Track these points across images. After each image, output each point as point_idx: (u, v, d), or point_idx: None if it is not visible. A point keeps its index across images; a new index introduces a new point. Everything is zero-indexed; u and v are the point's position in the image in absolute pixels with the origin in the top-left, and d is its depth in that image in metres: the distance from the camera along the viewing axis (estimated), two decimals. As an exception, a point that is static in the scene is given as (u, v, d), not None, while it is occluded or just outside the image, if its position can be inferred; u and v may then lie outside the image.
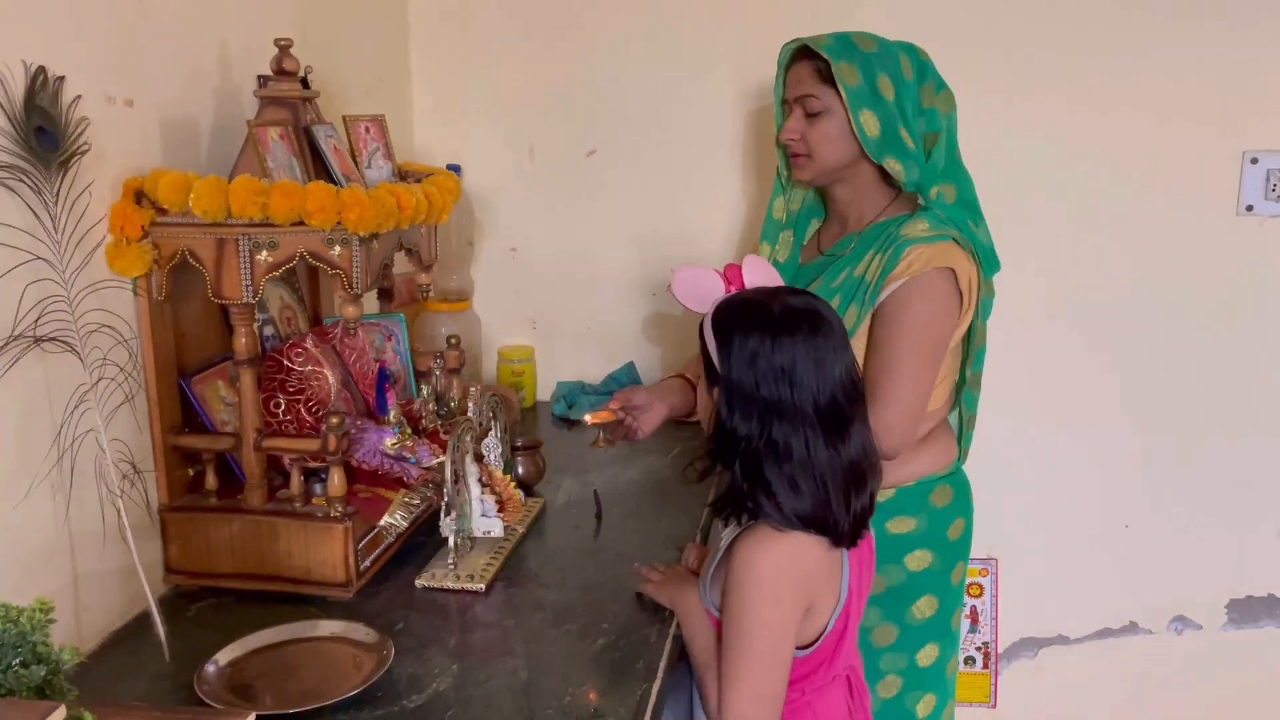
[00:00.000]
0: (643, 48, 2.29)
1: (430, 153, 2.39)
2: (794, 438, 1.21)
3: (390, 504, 1.58)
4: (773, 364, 1.22)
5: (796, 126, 1.63)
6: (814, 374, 1.22)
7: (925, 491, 1.66)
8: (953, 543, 1.69)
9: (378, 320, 1.88)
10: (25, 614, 0.93)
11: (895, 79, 1.58)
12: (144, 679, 1.27)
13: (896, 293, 1.55)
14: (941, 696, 1.75)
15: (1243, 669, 2.37)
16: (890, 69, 1.58)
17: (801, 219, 1.79)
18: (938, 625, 1.70)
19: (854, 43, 1.59)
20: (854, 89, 1.56)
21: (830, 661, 1.32)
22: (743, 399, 1.23)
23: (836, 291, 1.62)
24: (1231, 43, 2.09)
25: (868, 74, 1.57)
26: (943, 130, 1.61)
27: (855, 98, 1.56)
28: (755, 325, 1.24)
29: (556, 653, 1.34)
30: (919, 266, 1.53)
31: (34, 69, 1.21)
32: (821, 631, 1.29)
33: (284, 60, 1.51)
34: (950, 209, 1.62)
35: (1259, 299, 2.20)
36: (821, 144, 1.62)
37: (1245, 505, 2.29)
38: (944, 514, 1.67)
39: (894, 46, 1.62)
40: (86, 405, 1.29)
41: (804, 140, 1.63)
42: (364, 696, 1.21)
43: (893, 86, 1.58)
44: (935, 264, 1.54)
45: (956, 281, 1.55)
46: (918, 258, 1.54)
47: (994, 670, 2.43)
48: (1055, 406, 2.30)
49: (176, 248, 1.39)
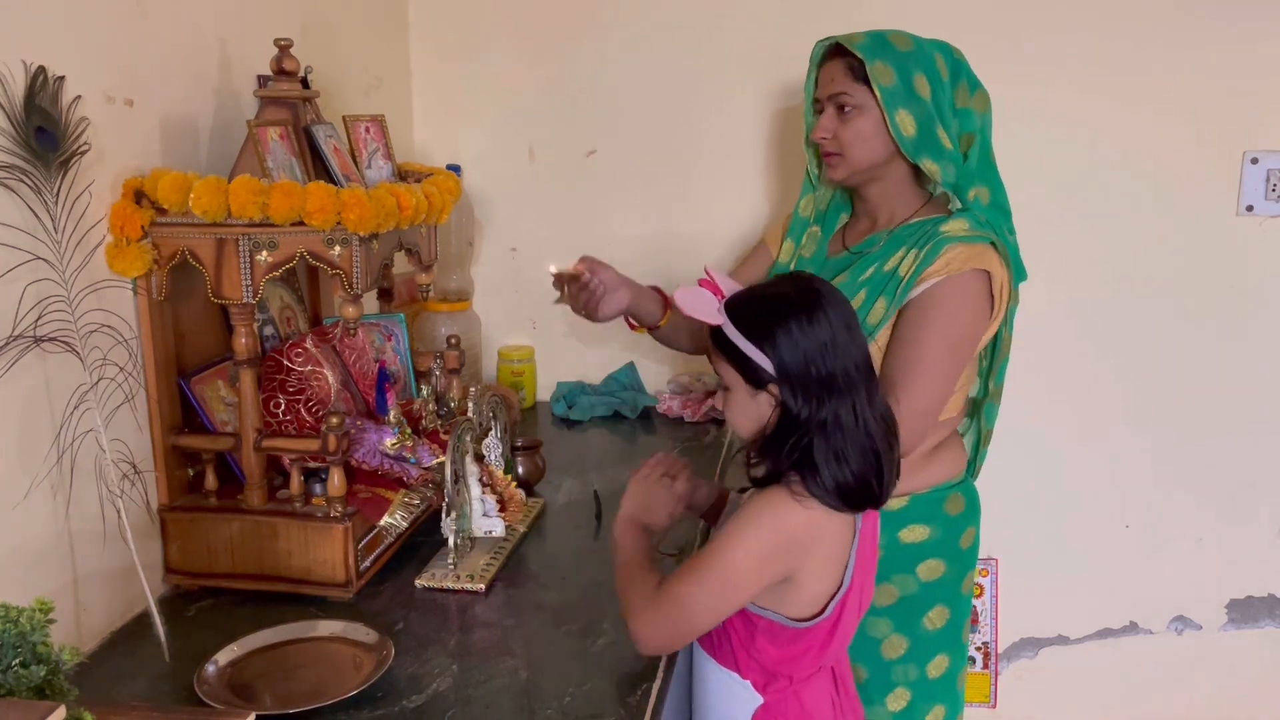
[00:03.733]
0: (643, 48, 2.29)
1: (430, 153, 2.39)
2: (843, 408, 1.24)
3: (390, 504, 1.58)
4: (817, 341, 1.24)
5: (829, 125, 1.61)
6: (847, 338, 1.26)
7: (940, 500, 1.64)
8: (964, 552, 1.68)
9: (378, 320, 1.88)
10: (25, 614, 0.93)
11: (931, 78, 1.57)
12: (144, 679, 1.27)
13: (931, 290, 1.52)
14: (951, 707, 1.73)
15: (1243, 669, 2.37)
16: (926, 67, 1.57)
17: (829, 216, 1.78)
18: (949, 635, 1.68)
19: (889, 41, 1.57)
20: (889, 88, 1.54)
21: (820, 649, 1.32)
22: (803, 385, 1.24)
23: (863, 286, 1.59)
24: (1232, 43, 2.10)
25: (903, 73, 1.55)
26: (978, 131, 1.60)
27: (891, 97, 1.54)
28: (786, 313, 1.25)
29: (556, 653, 1.34)
30: (956, 266, 1.51)
31: (34, 69, 1.21)
32: (817, 614, 1.29)
33: (284, 60, 1.51)
34: (988, 212, 1.61)
35: (1259, 299, 2.20)
36: (855, 143, 1.60)
37: (1245, 505, 2.29)
38: (957, 522, 1.65)
39: (929, 45, 1.60)
40: (86, 405, 1.29)
41: (836, 139, 1.61)
42: (364, 696, 1.21)
43: (929, 85, 1.56)
44: (972, 265, 1.52)
45: (990, 285, 1.55)
46: (955, 256, 1.52)
47: (994, 670, 2.43)
48: (1055, 406, 2.30)
49: (176, 248, 1.39)
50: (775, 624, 1.30)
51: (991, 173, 1.64)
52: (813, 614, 1.30)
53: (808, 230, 1.78)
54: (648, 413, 2.35)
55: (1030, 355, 2.22)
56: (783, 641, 1.30)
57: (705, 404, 2.27)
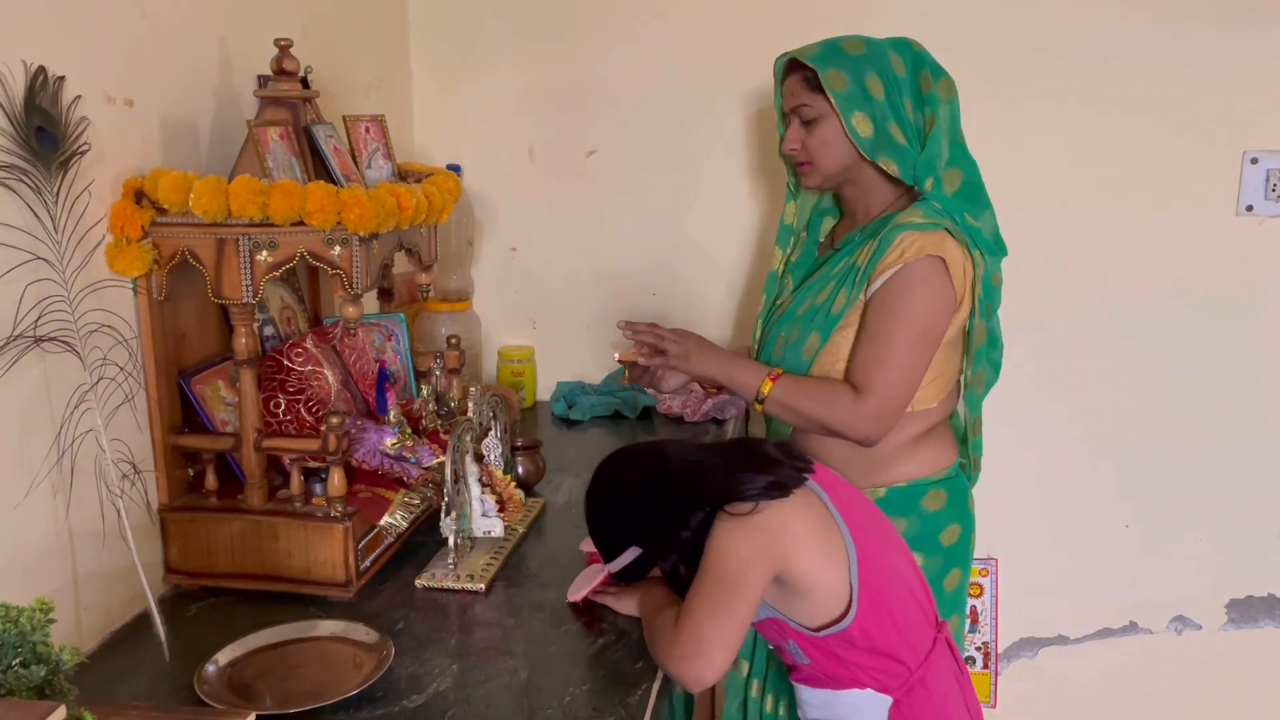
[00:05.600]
0: (643, 48, 2.29)
1: (430, 153, 2.39)
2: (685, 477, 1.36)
3: (390, 504, 1.58)
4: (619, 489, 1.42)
5: (796, 136, 1.67)
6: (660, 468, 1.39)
7: (917, 494, 1.65)
8: (946, 548, 1.68)
9: (378, 320, 1.88)
10: (25, 614, 0.93)
11: (884, 77, 1.61)
12: (144, 679, 1.27)
13: (889, 282, 1.57)
14: None
15: (1243, 669, 2.37)
16: (878, 68, 1.61)
17: (815, 220, 1.83)
18: None
19: (841, 48, 1.62)
20: (842, 93, 1.59)
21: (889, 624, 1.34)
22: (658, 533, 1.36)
23: (832, 279, 1.66)
24: (1232, 43, 2.09)
25: (856, 77, 1.60)
26: (939, 113, 1.63)
27: (845, 101, 1.60)
28: (597, 495, 1.44)
29: (556, 653, 1.34)
30: (911, 254, 1.55)
31: (34, 69, 1.21)
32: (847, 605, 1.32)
33: (284, 60, 1.51)
34: (949, 201, 1.63)
35: (1259, 299, 2.20)
36: (821, 150, 1.65)
37: (1245, 505, 2.29)
38: (936, 518, 1.66)
39: (882, 45, 1.64)
40: (86, 405, 1.29)
41: (805, 149, 1.67)
42: (364, 696, 1.21)
43: (882, 85, 1.60)
44: (927, 251, 1.55)
45: (948, 272, 1.56)
46: (910, 245, 1.56)
47: (994, 670, 2.43)
48: (1055, 406, 2.30)
49: (176, 248, 1.39)
50: (834, 636, 1.33)
51: (962, 155, 1.68)
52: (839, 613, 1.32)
53: (792, 238, 1.83)
54: (648, 413, 2.35)
55: (1030, 355, 2.23)
56: (848, 643, 1.33)
57: (705, 404, 2.28)
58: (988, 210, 1.68)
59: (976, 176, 1.68)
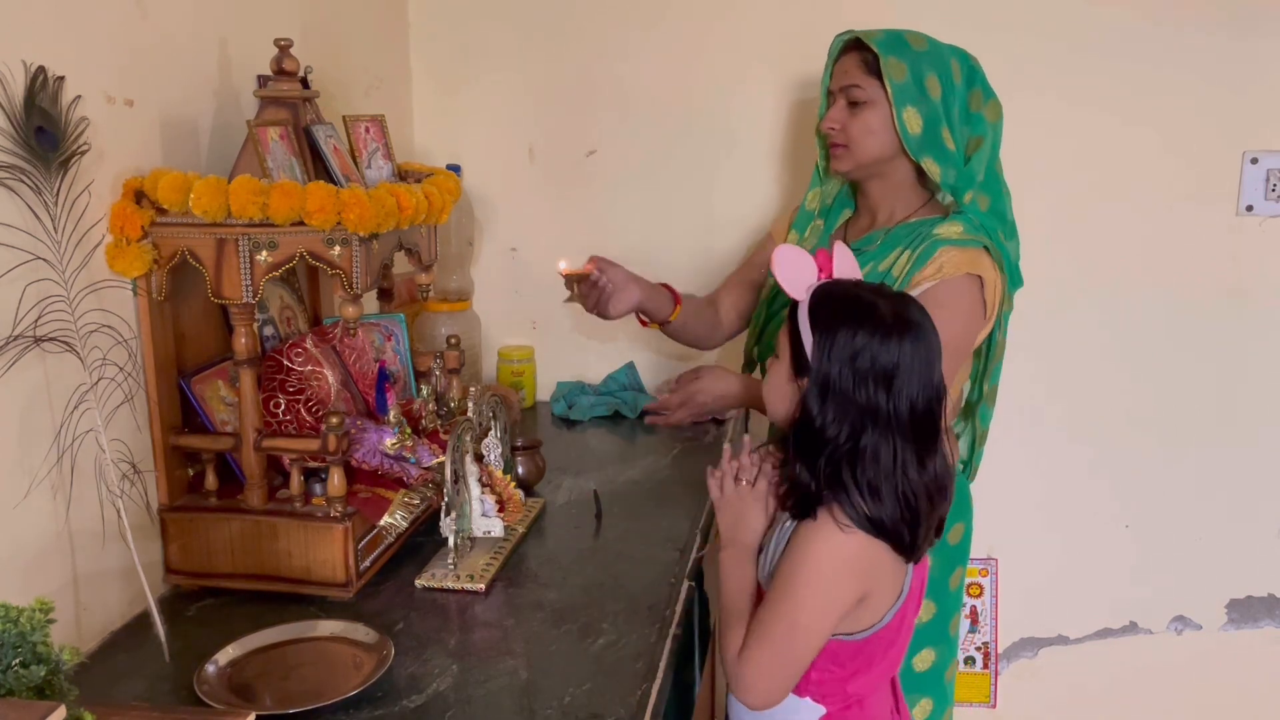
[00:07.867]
0: (643, 48, 2.29)
1: (430, 153, 2.39)
2: (884, 446, 1.18)
3: (390, 504, 1.58)
4: (876, 365, 1.17)
5: (838, 116, 1.64)
6: (915, 381, 1.18)
7: None
8: (950, 547, 1.69)
9: (378, 320, 1.87)
10: (25, 614, 0.93)
11: (943, 80, 1.59)
12: (144, 679, 1.26)
13: (924, 295, 1.53)
14: (939, 701, 1.74)
15: (1243, 669, 2.37)
16: (940, 69, 1.59)
17: (834, 210, 1.80)
18: (934, 630, 1.69)
19: (906, 40, 1.60)
20: (900, 84, 1.57)
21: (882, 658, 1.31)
22: (837, 397, 1.18)
23: None
24: (1232, 43, 2.09)
25: (915, 71, 1.57)
26: (986, 137, 1.61)
27: (901, 93, 1.57)
28: (862, 322, 1.18)
29: (556, 653, 1.34)
30: (949, 270, 1.53)
31: (34, 69, 1.21)
32: (875, 623, 1.29)
33: (284, 60, 1.51)
34: (984, 216, 1.62)
35: (1259, 299, 2.20)
36: (862, 136, 1.62)
37: (1245, 505, 2.29)
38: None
39: (945, 49, 1.62)
40: (86, 405, 1.29)
41: (845, 131, 1.63)
42: (364, 696, 1.21)
43: (940, 87, 1.58)
44: (965, 269, 1.53)
45: (983, 290, 1.55)
46: (948, 261, 1.53)
47: (994, 670, 2.43)
48: (1055, 406, 2.31)
49: (176, 248, 1.39)
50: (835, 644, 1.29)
51: (996, 183, 1.66)
52: (868, 626, 1.29)
53: (811, 223, 1.79)
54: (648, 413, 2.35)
55: (1031, 355, 2.23)
56: (844, 659, 1.30)
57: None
58: (1013, 240, 1.67)
59: (1005, 207, 1.66)
